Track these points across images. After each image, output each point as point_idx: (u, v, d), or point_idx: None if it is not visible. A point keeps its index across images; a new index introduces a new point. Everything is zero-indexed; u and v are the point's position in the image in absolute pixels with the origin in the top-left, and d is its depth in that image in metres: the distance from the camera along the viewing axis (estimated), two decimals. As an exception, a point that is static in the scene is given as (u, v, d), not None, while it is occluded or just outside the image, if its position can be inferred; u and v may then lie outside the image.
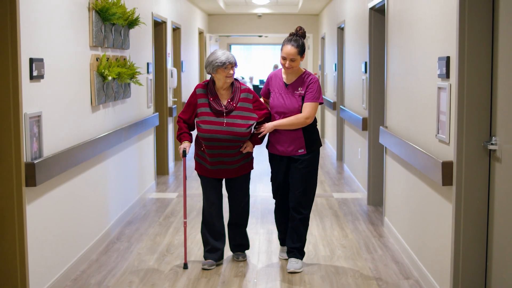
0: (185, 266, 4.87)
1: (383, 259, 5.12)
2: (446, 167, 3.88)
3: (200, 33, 12.99)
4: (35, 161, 3.86)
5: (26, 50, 3.84)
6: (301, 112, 4.70)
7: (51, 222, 4.32)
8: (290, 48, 4.64)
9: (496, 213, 3.66)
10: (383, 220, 6.13)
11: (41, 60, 4.03)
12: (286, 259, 5.00)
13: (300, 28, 4.73)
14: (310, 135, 4.74)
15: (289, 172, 4.80)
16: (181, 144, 4.75)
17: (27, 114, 3.82)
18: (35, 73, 3.92)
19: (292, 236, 4.84)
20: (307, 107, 4.67)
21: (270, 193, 4.88)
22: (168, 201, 7.33)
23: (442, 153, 4.09)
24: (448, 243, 3.97)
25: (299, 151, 4.72)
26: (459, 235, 3.81)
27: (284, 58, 4.67)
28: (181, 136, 4.76)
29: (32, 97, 3.94)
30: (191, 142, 4.78)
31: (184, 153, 4.69)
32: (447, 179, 3.89)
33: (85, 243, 5.03)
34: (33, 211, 3.99)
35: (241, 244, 5.09)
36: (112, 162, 5.85)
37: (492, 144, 3.65)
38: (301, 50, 4.67)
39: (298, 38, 4.69)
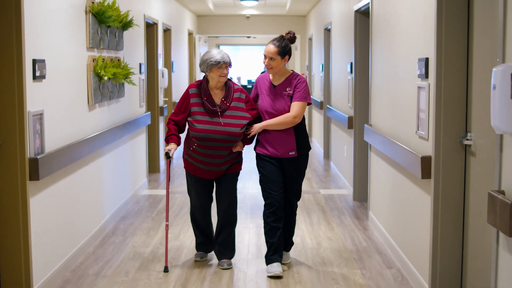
0: (166, 270, 4.79)
1: (367, 250, 5.36)
2: (425, 161, 4.12)
3: (190, 34, 13.15)
4: (38, 157, 4.07)
5: (30, 51, 4.04)
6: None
7: (52, 216, 4.52)
8: (271, 47, 4.65)
9: (471, 204, 3.90)
10: (368, 215, 6.37)
11: (43, 61, 4.24)
12: (277, 276, 4.72)
13: (290, 32, 4.73)
14: (300, 137, 4.75)
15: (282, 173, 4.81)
16: (167, 146, 4.74)
17: (31, 112, 4.03)
18: (37, 73, 4.13)
19: (289, 233, 5.01)
20: (295, 106, 4.65)
21: (259, 189, 5.04)
22: (160, 197, 7.53)
23: (421, 149, 4.33)
24: (427, 233, 4.21)
25: (290, 153, 4.72)
26: (437, 225, 4.05)
27: (265, 56, 4.72)
28: (169, 138, 4.72)
29: (35, 96, 4.15)
30: (178, 145, 4.76)
31: (168, 155, 4.66)
32: (426, 173, 4.13)
33: (82, 236, 5.23)
34: (36, 204, 4.19)
35: (228, 248, 4.95)
36: (106, 159, 6.06)
37: (467, 139, 3.89)
38: (282, 51, 4.63)
39: (283, 39, 4.69)
